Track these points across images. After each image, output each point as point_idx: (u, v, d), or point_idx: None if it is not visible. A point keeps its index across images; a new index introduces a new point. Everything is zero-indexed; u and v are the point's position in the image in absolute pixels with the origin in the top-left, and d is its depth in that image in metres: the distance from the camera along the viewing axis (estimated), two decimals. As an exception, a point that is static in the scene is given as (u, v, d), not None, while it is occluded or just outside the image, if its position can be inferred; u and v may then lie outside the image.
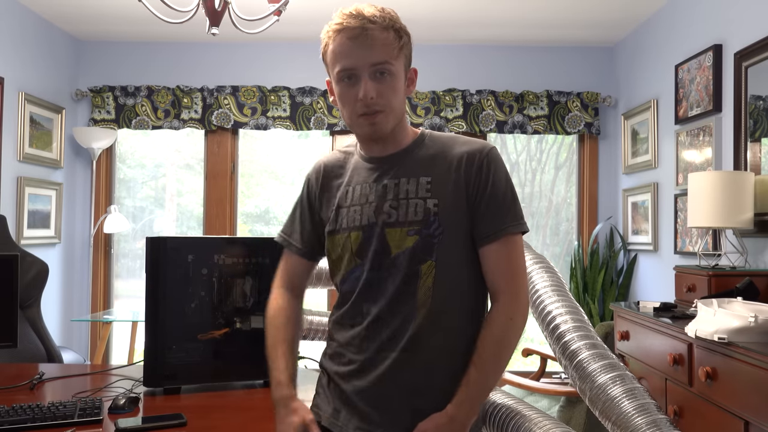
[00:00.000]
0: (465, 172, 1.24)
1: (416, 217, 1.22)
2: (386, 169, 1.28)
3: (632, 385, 1.68)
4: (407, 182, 1.25)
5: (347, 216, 1.28)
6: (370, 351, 1.24)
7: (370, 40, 1.21)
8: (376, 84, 1.22)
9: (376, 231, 1.24)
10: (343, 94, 1.25)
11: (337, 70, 1.24)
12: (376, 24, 1.23)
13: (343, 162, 1.37)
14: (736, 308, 1.98)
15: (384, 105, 1.23)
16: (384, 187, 1.26)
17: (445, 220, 1.22)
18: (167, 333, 1.88)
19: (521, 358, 3.90)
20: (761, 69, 2.75)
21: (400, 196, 1.24)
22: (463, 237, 1.23)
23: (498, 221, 1.23)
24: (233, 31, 3.59)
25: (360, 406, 1.24)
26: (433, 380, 1.22)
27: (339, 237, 1.29)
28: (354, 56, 1.21)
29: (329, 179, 1.36)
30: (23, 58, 3.89)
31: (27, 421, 1.53)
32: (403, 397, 1.21)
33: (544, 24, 4.09)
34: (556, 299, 1.97)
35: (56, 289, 4.23)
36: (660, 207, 3.75)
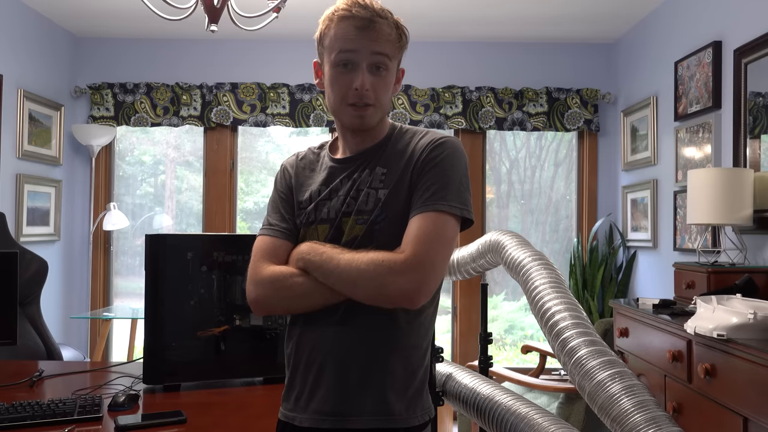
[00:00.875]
0: (416, 159, 1.26)
1: (366, 207, 1.25)
2: (358, 164, 1.30)
3: (631, 381, 1.68)
4: (369, 174, 1.28)
5: (316, 210, 1.30)
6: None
7: (377, 32, 1.24)
8: (371, 77, 1.24)
9: (336, 222, 1.28)
10: (337, 79, 1.26)
11: (336, 53, 1.25)
12: (384, 19, 1.25)
13: (315, 159, 1.39)
14: (735, 305, 1.98)
15: (375, 99, 1.25)
16: (353, 180, 1.29)
17: (388, 207, 1.24)
18: (167, 330, 1.88)
19: (520, 354, 3.90)
20: (761, 65, 2.75)
21: (360, 187, 1.28)
22: (402, 223, 1.23)
23: (429, 198, 1.21)
24: (232, 28, 3.58)
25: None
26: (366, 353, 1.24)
27: (309, 230, 1.31)
28: (358, 44, 1.23)
29: (302, 175, 1.37)
30: (22, 55, 3.88)
31: (27, 418, 1.53)
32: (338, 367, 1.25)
33: (544, 21, 4.08)
34: (555, 296, 1.97)
35: (56, 287, 4.23)
36: (659, 204, 3.75)
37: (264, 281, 1.26)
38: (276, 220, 1.34)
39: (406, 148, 1.29)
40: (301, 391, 1.27)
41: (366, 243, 1.23)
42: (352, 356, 1.24)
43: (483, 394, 1.93)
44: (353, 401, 1.23)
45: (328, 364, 1.24)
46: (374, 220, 1.24)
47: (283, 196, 1.37)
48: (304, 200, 1.33)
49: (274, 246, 1.31)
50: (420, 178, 1.24)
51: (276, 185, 1.40)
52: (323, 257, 1.21)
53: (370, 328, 1.24)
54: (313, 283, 1.22)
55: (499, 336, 4.73)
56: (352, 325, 1.24)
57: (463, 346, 4.42)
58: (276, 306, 1.29)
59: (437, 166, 1.24)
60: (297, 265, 1.25)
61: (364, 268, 1.17)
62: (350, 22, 1.24)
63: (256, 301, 1.28)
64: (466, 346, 4.41)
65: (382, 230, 1.24)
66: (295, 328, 1.30)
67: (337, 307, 1.23)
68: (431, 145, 1.27)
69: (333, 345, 1.25)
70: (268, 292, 1.26)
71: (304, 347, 1.28)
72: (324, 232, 1.28)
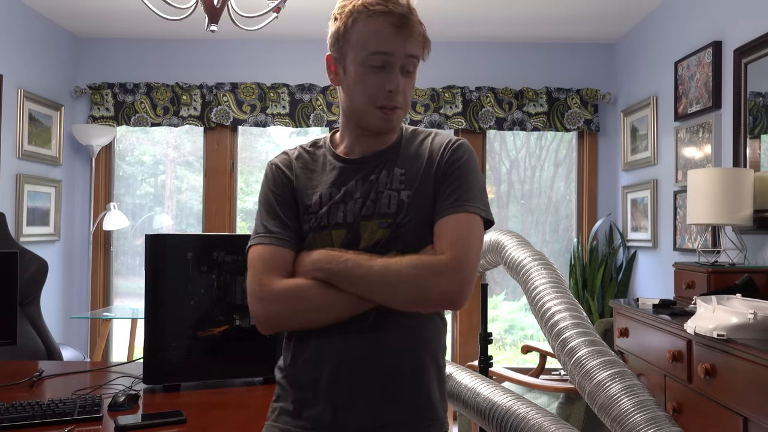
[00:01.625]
0: (436, 161, 1.23)
1: (389, 210, 1.20)
2: (374, 165, 1.25)
3: (631, 381, 1.69)
4: (387, 175, 1.23)
5: (328, 214, 1.22)
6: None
7: (411, 31, 1.18)
8: (403, 79, 1.20)
9: (353, 226, 1.21)
10: (367, 80, 1.19)
11: (369, 52, 1.17)
12: (414, 16, 1.20)
13: (312, 158, 1.30)
14: (735, 305, 1.98)
15: (403, 102, 1.21)
16: (369, 182, 1.23)
17: (413, 210, 1.20)
18: (167, 330, 1.88)
19: (520, 354, 3.90)
20: (761, 65, 2.75)
21: (379, 189, 1.22)
22: (427, 225, 1.21)
23: (457, 200, 1.20)
24: (232, 28, 3.58)
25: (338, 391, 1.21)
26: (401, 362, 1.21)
27: (321, 235, 1.22)
28: (395, 43, 1.17)
29: (304, 176, 1.27)
30: (22, 55, 3.88)
31: (27, 418, 1.53)
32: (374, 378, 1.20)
33: (544, 21, 4.08)
34: (555, 296, 1.97)
35: (56, 287, 4.23)
36: (659, 204, 3.75)
37: (277, 297, 1.17)
38: (276, 227, 1.23)
39: (420, 149, 1.26)
40: (328, 406, 1.19)
41: (390, 246, 1.19)
42: (394, 363, 1.19)
43: (483, 394, 1.93)
44: (401, 408, 1.19)
45: (366, 374, 1.18)
46: (399, 223, 1.19)
47: (282, 199, 1.26)
48: (313, 203, 1.24)
49: (278, 256, 1.21)
50: (444, 180, 1.21)
51: (270, 187, 1.28)
52: (349, 265, 1.14)
53: (407, 332, 1.20)
54: (335, 294, 1.15)
55: (499, 336, 4.73)
56: (389, 331, 1.18)
57: (463, 346, 4.42)
58: (291, 322, 1.21)
59: (460, 169, 1.22)
60: (314, 275, 1.16)
61: (406, 272, 1.12)
62: (386, 19, 1.17)
63: (267, 319, 1.19)
64: (466, 346, 4.41)
65: (407, 233, 1.19)
66: (308, 341, 1.21)
67: (366, 315, 1.17)
68: (450, 147, 1.24)
69: (370, 354, 1.18)
70: (283, 309, 1.18)
71: (326, 360, 1.19)
72: (339, 237, 1.21)
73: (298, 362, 1.23)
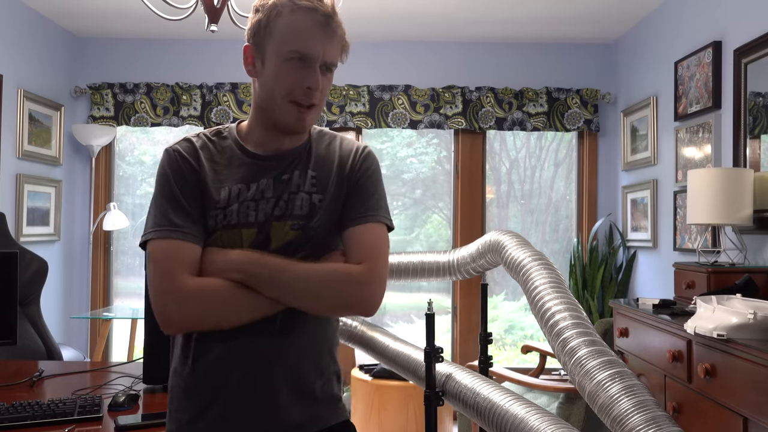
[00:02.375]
0: (347, 167, 1.24)
1: (301, 212, 1.20)
2: (286, 164, 1.23)
3: (631, 381, 1.68)
4: (299, 176, 1.22)
5: (239, 212, 1.18)
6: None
7: (333, 32, 1.18)
8: (322, 78, 1.18)
9: (264, 226, 1.19)
10: (285, 74, 1.17)
11: (290, 49, 1.16)
12: (337, 17, 1.19)
13: (218, 149, 1.24)
14: (735, 305, 1.98)
15: (319, 100, 1.20)
16: (282, 182, 1.21)
17: (323, 214, 1.21)
18: (167, 330, 1.87)
19: (520, 354, 3.91)
20: (761, 65, 2.75)
21: (291, 190, 1.21)
22: (334, 230, 1.23)
23: (365, 209, 1.22)
24: (232, 28, 3.57)
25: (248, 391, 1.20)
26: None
27: (229, 233, 1.18)
28: (317, 44, 1.16)
29: (209, 168, 1.21)
30: (22, 55, 3.88)
31: (27, 418, 1.53)
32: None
33: (544, 21, 4.08)
34: (555, 296, 1.97)
35: (56, 287, 4.23)
36: (659, 204, 3.75)
37: (190, 297, 1.11)
38: (182, 220, 1.15)
39: (329, 153, 1.26)
40: (236, 410, 1.17)
41: (299, 249, 1.18)
42: (301, 364, 1.20)
43: (483, 394, 1.93)
44: (312, 407, 1.21)
45: (276, 376, 1.18)
46: (311, 226, 1.19)
47: (186, 190, 1.18)
48: (221, 199, 1.18)
49: (187, 252, 1.14)
50: (355, 188, 1.23)
51: (170, 176, 1.19)
52: (272, 268, 1.13)
53: (312, 333, 1.22)
54: (251, 296, 1.12)
55: (499, 336, 4.73)
56: (296, 333, 1.19)
57: (463, 346, 4.42)
58: (205, 324, 1.15)
59: (371, 178, 1.25)
60: (231, 276, 1.13)
61: (328, 280, 1.15)
62: (311, 15, 1.16)
63: (182, 320, 1.13)
64: (466, 346, 4.41)
65: (317, 236, 1.20)
66: (212, 343, 1.17)
67: (274, 317, 1.16)
68: (361, 154, 1.26)
69: (280, 356, 1.18)
70: (198, 309, 1.12)
71: (237, 363, 1.17)
72: (250, 236, 1.17)
73: (201, 365, 1.19)
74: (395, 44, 4.40)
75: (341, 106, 4.39)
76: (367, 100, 4.38)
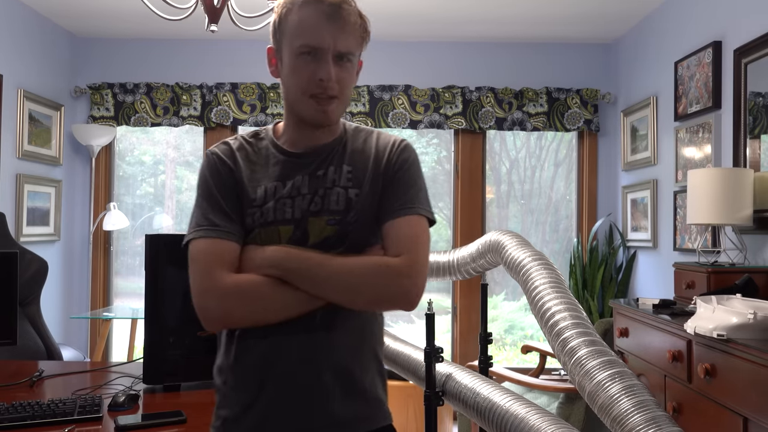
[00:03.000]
0: (383, 160, 1.23)
1: (338, 207, 1.19)
2: (320, 160, 1.23)
3: (631, 381, 1.68)
4: (335, 171, 1.22)
5: (275, 209, 1.19)
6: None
7: (344, 21, 1.16)
8: (337, 69, 1.17)
9: (301, 222, 1.19)
10: (299, 69, 1.17)
11: (300, 41, 1.16)
12: (351, 6, 1.18)
13: (255, 149, 1.25)
14: (735, 305, 1.98)
15: (339, 91, 1.18)
16: (317, 178, 1.21)
17: (360, 208, 1.19)
18: (167, 330, 1.88)
19: (520, 354, 3.91)
20: (761, 65, 2.75)
21: (327, 185, 1.20)
22: (372, 224, 1.21)
23: (407, 202, 1.20)
24: (232, 28, 3.58)
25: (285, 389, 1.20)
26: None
27: (267, 231, 1.19)
28: (325, 35, 1.16)
29: (247, 167, 1.23)
30: (22, 55, 3.88)
31: (27, 418, 1.53)
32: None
33: (544, 21, 4.08)
34: (555, 296, 1.97)
35: (56, 287, 4.23)
36: (659, 204, 3.75)
37: (230, 293, 1.13)
38: (221, 220, 1.18)
39: (365, 147, 1.25)
40: (278, 407, 1.17)
41: (337, 244, 1.18)
42: (343, 361, 1.19)
43: (483, 394, 1.93)
44: (352, 406, 1.19)
45: (318, 374, 1.17)
46: (348, 221, 1.18)
47: (224, 191, 1.20)
48: (257, 197, 1.20)
49: (226, 250, 1.17)
50: (393, 181, 1.21)
51: (209, 178, 1.22)
52: (311, 263, 1.13)
53: (354, 330, 1.21)
54: (289, 292, 1.13)
55: (499, 336, 4.73)
56: (337, 330, 1.18)
57: (463, 346, 4.42)
58: (245, 320, 1.16)
59: (409, 170, 1.23)
60: (268, 272, 1.13)
61: (367, 274, 1.13)
62: (317, 7, 1.16)
63: (222, 316, 1.15)
64: (466, 346, 4.41)
65: (355, 231, 1.19)
66: (253, 339, 1.18)
67: (314, 314, 1.16)
68: (397, 147, 1.24)
69: (321, 353, 1.17)
70: (237, 306, 1.14)
71: (277, 359, 1.17)
72: (287, 233, 1.18)
73: (244, 361, 1.20)
74: (395, 44, 4.40)
75: (341, 106, 4.39)
76: (367, 100, 4.38)
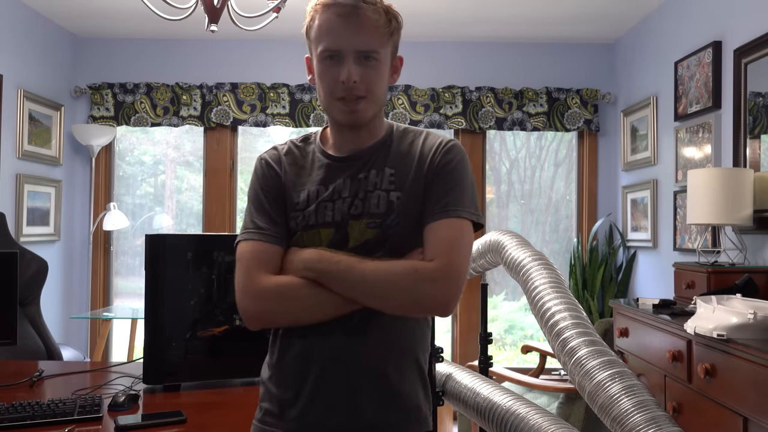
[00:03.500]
0: (427, 162, 1.21)
1: (378, 210, 1.19)
2: (362, 163, 1.23)
3: (631, 381, 1.69)
4: (376, 174, 1.21)
5: (316, 212, 1.21)
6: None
7: (361, 20, 1.16)
8: (360, 68, 1.17)
9: (341, 225, 1.20)
10: (324, 73, 1.19)
11: (321, 45, 1.18)
12: (369, 4, 1.18)
13: (302, 154, 1.28)
14: (735, 305, 1.98)
15: (366, 91, 1.18)
16: (358, 181, 1.21)
17: (402, 211, 1.19)
18: (167, 330, 1.88)
19: (520, 354, 3.90)
20: (761, 65, 2.75)
21: (368, 188, 1.20)
22: (415, 227, 1.20)
23: (447, 204, 1.18)
24: (232, 28, 3.58)
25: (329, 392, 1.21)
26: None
27: (309, 234, 1.21)
28: (341, 37, 1.16)
29: (292, 172, 1.26)
30: (22, 55, 3.88)
31: (27, 418, 1.53)
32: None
33: (544, 21, 4.08)
34: (555, 296, 1.98)
35: (56, 287, 4.23)
36: (659, 204, 3.75)
37: (267, 294, 1.17)
38: (265, 223, 1.22)
39: (411, 149, 1.24)
40: (313, 406, 1.19)
41: (378, 247, 1.18)
42: (378, 364, 1.19)
43: (483, 394, 1.93)
44: (385, 409, 1.19)
45: (352, 375, 1.18)
46: (388, 224, 1.18)
47: (270, 195, 1.24)
48: (300, 201, 1.22)
49: (267, 252, 1.20)
50: (435, 183, 1.20)
51: (258, 183, 1.27)
52: (341, 266, 1.14)
53: (390, 334, 1.20)
54: (324, 294, 1.14)
55: (499, 336, 4.73)
56: (373, 333, 1.19)
57: (463, 346, 4.42)
58: (281, 320, 1.20)
59: (452, 172, 1.20)
60: (304, 274, 1.16)
61: (398, 278, 1.12)
62: (332, 10, 1.17)
63: (258, 316, 1.18)
64: (466, 346, 4.41)
65: (396, 234, 1.18)
66: (293, 339, 1.21)
67: (351, 316, 1.16)
68: (442, 148, 1.22)
69: (356, 355, 1.18)
70: (273, 306, 1.17)
71: (313, 359, 1.19)
72: (327, 236, 1.20)
73: (284, 359, 1.23)
74: (395, 44, 4.39)
75: (341, 106, 4.39)
76: (367, 100, 4.38)
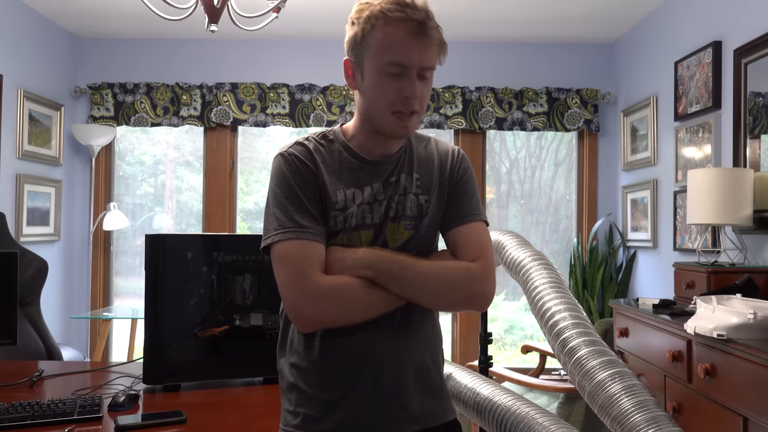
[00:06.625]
0: (447, 169, 1.31)
1: (412, 212, 1.26)
2: (393, 167, 1.27)
3: (631, 381, 1.69)
4: (405, 178, 1.27)
5: (357, 215, 1.22)
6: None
7: (429, 38, 1.19)
8: (420, 84, 1.20)
9: (380, 227, 1.25)
10: (385, 86, 1.18)
11: (386, 61, 1.17)
12: (432, 21, 1.20)
13: (327, 153, 1.26)
14: (735, 305, 1.98)
15: (420, 106, 1.21)
16: (391, 184, 1.26)
17: (430, 213, 1.27)
18: (167, 330, 1.88)
19: (520, 354, 3.90)
20: (761, 65, 2.75)
21: (400, 192, 1.26)
22: (435, 229, 1.30)
23: (469, 209, 1.30)
24: (232, 28, 3.58)
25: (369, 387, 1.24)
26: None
27: (350, 235, 1.22)
28: (413, 53, 1.17)
29: (323, 170, 1.24)
30: (22, 55, 3.88)
31: (27, 418, 1.53)
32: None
33: (544, 21, 4.08)
34: (555, 296, 1.97)
35: (56, 287, 4.23)
36: (659, 204, 3.75)
37: (327, 294, 1.16)
38: (307, 221, 1.19)
39: (428, 155, 1.31)
40: (361, 403, 1.21)
41: (411, 249, 1.25)
42: (421, 359, 1.27)
43: (483, 394, 1.93)
44: (429, 401, 1.27)
45: (400, 371, 1.23)
46: (422, 226, 1.26)
47: (308, 192, 1.21)
48: (339, 201, 1.22)
49: (316, 252, 1.18)
50: (458, 189, 1.30)
51: (291, 179, 1.21)
52: (401, 266, 1.18)
53: (427, 329, 1.29)
54: (379, 293, 1.18)
55: (499, 336, 4.73)
56: (415, 329, 1.26)
57: (463, 346, 4.42)
58: (337, 321, 1.18)
59: (470, 180, 1.32)
60: (362, 273, 1.18)
61: (454, 276, 1.21)
62: (405, 25, 1.17)
63: (317, 317, 1.17)
64: (466, 346, 4.41)
65: (425, 235, 1.27)
66: (337, 338, 1.20)
67: (394, 313, 1.22)
68: (458, 157, 1.33)
69: (403, 351, 1.24)
70: (333, 306, 1.17)
71: (365, 357, 1.21)
72: (368, 237, 1.23)
73: (329, 360, 1.21)
74: (395, 44, 4.39)
75: (341, 106, 4.39)
76: (367, 100, 4.38)
